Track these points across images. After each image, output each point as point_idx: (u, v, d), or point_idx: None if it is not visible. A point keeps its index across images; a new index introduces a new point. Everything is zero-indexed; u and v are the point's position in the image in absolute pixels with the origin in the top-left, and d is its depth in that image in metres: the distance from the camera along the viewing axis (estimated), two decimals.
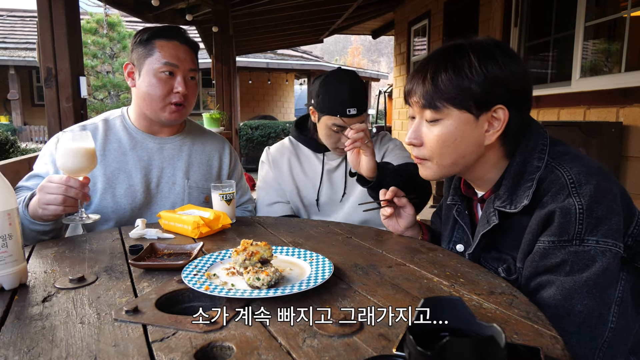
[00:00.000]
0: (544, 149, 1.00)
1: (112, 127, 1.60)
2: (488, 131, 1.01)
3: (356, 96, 1.66)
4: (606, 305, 0.89)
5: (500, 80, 0.97)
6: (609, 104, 3.12)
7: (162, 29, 1.53)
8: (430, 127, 1.03)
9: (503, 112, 0.98)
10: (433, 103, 1.00)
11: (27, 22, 16.15)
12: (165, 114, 1.52)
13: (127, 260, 1.09)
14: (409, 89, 1.07)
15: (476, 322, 0.56)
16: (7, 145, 6.14)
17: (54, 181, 1.20)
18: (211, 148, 1.72)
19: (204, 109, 14.31)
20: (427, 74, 1.01)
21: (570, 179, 0.92)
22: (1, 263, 0.89)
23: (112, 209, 1.52)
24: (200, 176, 1.66)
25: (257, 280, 0.86)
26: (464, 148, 1.02)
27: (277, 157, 1.84)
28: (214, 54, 6.16)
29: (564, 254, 0.90)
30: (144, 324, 0.76)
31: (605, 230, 0.88)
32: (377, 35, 9.79)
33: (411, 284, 0.92)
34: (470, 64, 0.97)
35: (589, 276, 0.88)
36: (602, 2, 3.46)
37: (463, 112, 0.99)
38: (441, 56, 1.02)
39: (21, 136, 12.71)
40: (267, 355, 0.66)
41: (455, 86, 0.98)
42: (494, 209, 1.03)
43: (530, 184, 0.97)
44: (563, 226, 0.90)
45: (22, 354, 0.67)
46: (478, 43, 1.00)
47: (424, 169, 1.09)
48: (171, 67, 1.49)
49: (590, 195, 0.89)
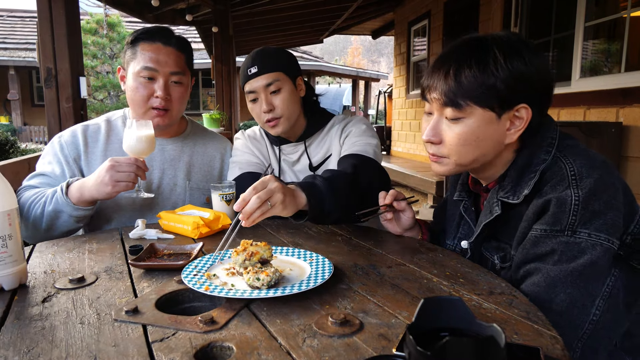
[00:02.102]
0: (552, 142, 1.00)
1: (114, 127, 1.61)
2: (509, 130, 0.99)
3: (257, 56, 1.52)
4: (590, 297, 0.89)
5: (525, 78, 0.94)
6: (608, 104, 3.12)
7: (147, 31, 1.50)
8: (451, 125, 1.00)
9: (526, 111, 0.96)
10: (455, 101, 0.97)
11: (27, 22, 16.16)
12: (149, 118, 1.50)
13: (127, 260, 1.09)
14: (427, 84, 1.02)
15: (476, 322, 0.56)
16: (7, 145, 6.14)
17: (123, 162, 1.32)
18: (213, 149, 1.72)
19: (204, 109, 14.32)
20: (450, 70, 0.97)
21: (572, 170, 0.92)
22: (1, 263, 0.89)
23: (114, 209, 1.52)
24: (201, 177, 1.66)
25: (257, 281, 0.86)
26: (484, 147, 1.00)
27: (251, 134, 1.74)
28: (214, 54, 6.16)
29: (554, 243, 0.90)
30: (143, 324, 0.76)
31: (599, 224, 0.88)
32: (377, 36, 9.79)
33: (411, 284, 0.92)
34: (496, 60, 0.93)
35: (575, 267, 0.88)
36: (602, 2, 3.46)
37: (486, 110, 0.96)
38: (464, 51, 0.98)
39: (21, 136, 12.73)
40: (267, 355, 0.66)
41: (480, 84, 0.94)
42: (497, 199, 1.03)
43: (534, 175, 0.97)
44: (557, 216, 0.90)
45: (22, 354, 0.67)
46: (502, 38, 0.97)
47: (439, 166, 1.07)
48: (150, 71, 1.47)
49: (590, 188, 0.89)
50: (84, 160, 1.53)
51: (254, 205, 1.00)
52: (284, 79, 1.52)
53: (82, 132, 1.56)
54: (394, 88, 8.14)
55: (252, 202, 1.00)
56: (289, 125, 1.56)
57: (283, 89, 1.52)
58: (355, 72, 17.02)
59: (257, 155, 1.67)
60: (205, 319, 0.75)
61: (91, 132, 1.57)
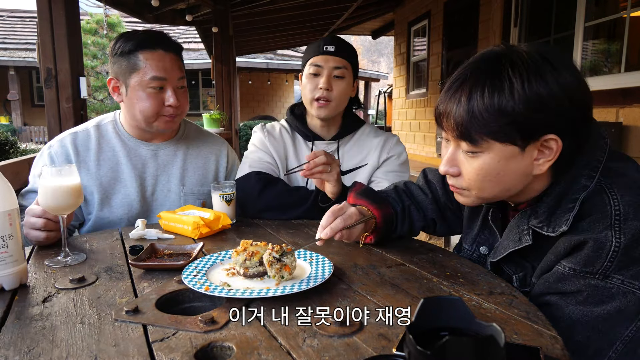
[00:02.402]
0: (597, 165, 0.87)
1: (105, 133, 1.56)
2: (537, 160, 0.86)
3: (335, 40, 1.57)
4: (609, 342, 0.82)
5: (547, 104, 0.81)
6: (608, 104, 3.12)
7: (144, 38, 1.44)
8: (469, 158, 0.89)
9: (555, 142, 0.83)
10: (469, 136, 0.85)
11: (27, 22, 16.16)
12: (159, 124, 1.50)
13: (127, 260, 1.09)
14: (441, 111, 0.90)
15: (476, 322, 0.56)
16: (7, 145, 6.14)
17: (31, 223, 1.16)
18: (207, 151, 1.68)
19: (203, 110, 14.31)
20: (462, 99, 0.85)
21: (617, 209, 0.81)
22: (1, 263, 0.89)
23: (109, 220, 1.51)
24: (195, 182, 1.63)
25: (282, 278, 0.91)
26: (508, 181, 0.88)
27: (271, 130, 1.71)
28: (214, 54, 6.16)
29: (582, 284, 0.83)
30: (144, 324, 0.76)
31: (636, 272, 0.80)
32: (377, 36, 9.78)
33: (411, 284, 0.92)
34: (512, 87, 0.80)
35: (600, 313, 0.81)
36: (602, 2, 3.46)
37: (506, 145, 0.84)
38: (476, 75, 0.85)
39: (21, 137, 12.73)
40: (267, 355, 0.66)
41: (495, 116, 0.82)
42: (528, 227, 0.92)
43: (572, 206, 0.85)
44: (590, 259, 0.81)
45: (23, 354, 0.67)
46: (520, 56, 0.83)
47: (462, 197, 0.97)
48: (160, 81, 1.44)
49: (634, 234, 0.79)
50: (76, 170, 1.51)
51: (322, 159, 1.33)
52: (349, 71, 1.59)
53: (71, 141, 1.51)
54: (394, 88, 8.14)
55: (321, 157, 1.33)
56: (334, 112, 1.59)
57: (345, 78, 1.57)
58: None
59: (272, 154, 1.64)
60: (205, 319, 0.75)
61: (81, 140, 1.53)
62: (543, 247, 0.92)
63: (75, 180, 1.10)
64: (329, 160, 1.35)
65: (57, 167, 1.08)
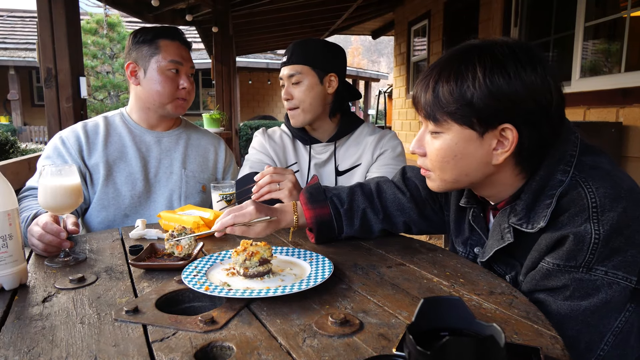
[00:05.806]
0: (571, 160, 0.90)
1: (112, 122, 1.68)
2: (496, 149, 0.91)
3: (292, 46, 1.58)
4: (600, 334, 0.85)
5: (507, 96, 0.85)
6: (608, 104, 3.12)
7: (166, 30, 1.63)
8: (432, 139, 0.96)
9: (511, 132, 0.88)
10: (433, 115, 0.93)
11: (27, 22, 16.16)
12: (171, 106, 1.63)
13: (127, 260, 1.09)
14: (414, 95, 0.99)
15: (476, 322, 0.56)
16: (7, 145, 6.14)
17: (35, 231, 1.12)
18: (207, 142, 1.80)
19: (204, 110, 14.30)
20: (430, 82, 0.93)
21: (593, 201, 0.83)
22: (1, 263, 0.89)
23: (113, 196, 1.58)
24: (196, 167, 1.73)
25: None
26: (465, 165, 0.93)
27: (271, 134, 1.76)
28: (214, 54, 6.16)
29: (567, 278, 0.85)
30: (144, 324, 0.76)
31: (618, 262, 0.82)
32: (377, 36, 9.79)
33: (411, 284, 0.92)
34: (475, 76, 0.87)
35: (587, 306, 0.83)
36: (602, 2, 3.46)
37: (465, 128, 0.90)
38: (446, 63, 0.92)
39: (21, 137, 12.72)
40: (267, 355, 0.66)
41: (456, 99, 0.88)
42: (508, 225, 0.95)
43: (550, 201, 0.88)
44: (572, 253, 0.83)
45: (22, 354, 0.67)
46: (490, 49, 0.88)
47: (429, 180, 1.02)
48: (177, 64, 1.60)
49: (612, 224, 0.81)
50: (86, 152, 1.57)
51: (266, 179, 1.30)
52: (307, 72, 1.57)
53: (82, 127, 1.62)
54: (394, 88, 8.14)
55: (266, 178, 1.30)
56: (306, 118, 1.60)
57: (303, 82, 1.57)
58: (355, 72, 17.01)
59: (272, 156, 1.70)
60: (205, 318, 0.75)
61: (91, 127, 1.64)
62: (528, 244, 0.94)
63: (75, 180, 1.11)
64: (275, 178, 1.31)
65: (57, 167, 1.09)
